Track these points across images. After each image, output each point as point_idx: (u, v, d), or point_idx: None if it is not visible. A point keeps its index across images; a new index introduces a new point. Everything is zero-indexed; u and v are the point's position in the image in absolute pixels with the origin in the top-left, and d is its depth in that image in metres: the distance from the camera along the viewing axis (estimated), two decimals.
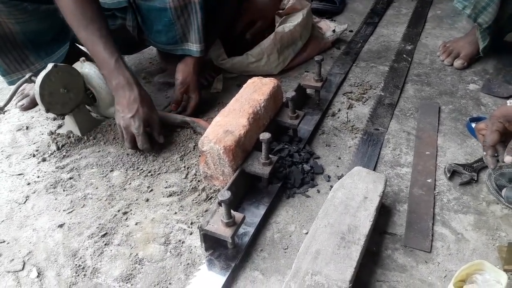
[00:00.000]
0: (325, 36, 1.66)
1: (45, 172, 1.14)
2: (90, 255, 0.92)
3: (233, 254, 0.88)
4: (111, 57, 1.12)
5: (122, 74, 1.13)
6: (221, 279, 0.84)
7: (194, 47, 1.26)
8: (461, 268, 0.78)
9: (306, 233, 0.93)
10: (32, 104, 1.41)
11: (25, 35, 1.24)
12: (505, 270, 0.83)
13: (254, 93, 1.11)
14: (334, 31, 1.68)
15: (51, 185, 1.09)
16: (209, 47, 1.40)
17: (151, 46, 1.62)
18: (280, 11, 1.63)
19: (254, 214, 0.97)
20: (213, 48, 1.48)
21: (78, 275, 0.87)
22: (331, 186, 0.99)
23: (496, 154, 0.88)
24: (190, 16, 1.20)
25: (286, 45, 1.48)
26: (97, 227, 0.98)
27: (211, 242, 0.88)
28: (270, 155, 1.00)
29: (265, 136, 0.95)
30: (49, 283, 0.86)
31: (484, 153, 0.89)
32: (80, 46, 1.50)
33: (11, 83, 1.31)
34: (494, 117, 0.87)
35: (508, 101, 1.27)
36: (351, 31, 1.81)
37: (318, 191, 1.04)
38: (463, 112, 1.30)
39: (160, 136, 1.18)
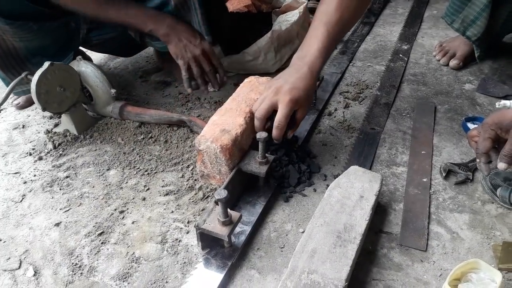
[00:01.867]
0: None
1: (41, 170, 1.14)
2: (87, 253, 0.92)
3: (230, 253, 0.88)
4: (147, 11, 1.19)
5: (164, 17, 1.20)
6: (218, 277, 0.84)
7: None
8: (456, 267, 0.78)
9: (303, 232, 0.93)
10: (28, 103, 1.41)
11: (28, 50, 1.24)
12: (499, 269, 0.83)
13: (251, 92, 1.11)
14: None
15: (48, 184, 1.09)
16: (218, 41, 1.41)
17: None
18: (277, 9, 1.64)
19: (251, 213, 0.97)
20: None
21: (74, 274, 0.87)
22: (328, 185, 0.99)
23: (489, 160, 0.89)
24: (191, 11, 1.20)
25: (283, 43, 1.49)
26: (93, 226, 0.98)
27: (207, 241, 0.88)
28: (267, 154, 1.00)
29: (261, 135, 0.95)
30: (45, 281, 0.86)
31: (478, 160, 0.89)
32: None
33: (17, 94, 1.33)
34: (486, 124, 0.87)
35: (497, 103, 1.28)
36: None
37: (315, 190, 1.05)
38: (458, 112, 1.31)
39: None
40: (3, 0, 1.10)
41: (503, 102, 1.27)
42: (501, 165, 0.83)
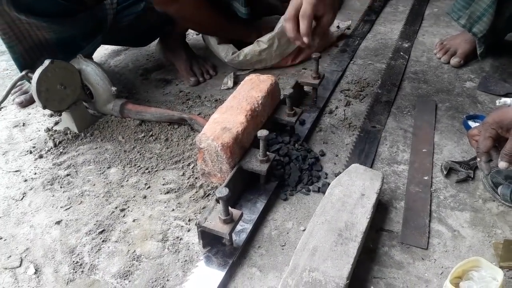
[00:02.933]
0: (331, 32, 1.66)
1: (42, 168, 1.14)
2: (88, 251, 0.92)
3: (231, 250, 0.88)
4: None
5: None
6: (219, 275, 0.84)
7: (242, 9, 1.39)
8: (457, 265, 0.78)
9: (304, 230, 0.93)
10: (30, 102, 1.41)
11: (59, 40, 1.27)
12: (501, 267, 0.83)
13: (251, 90, 1.11)
14: (338, 27, 1.68)
15: (48, 182, 1.09)
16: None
17: (152, 43, 1.63)
18: None
19: (252, 211, 0.97)
20: (222, 44, 1.49)
21: (75, 272, 0.87)
22: (329, 183, 0.99)
23: (490, 159, 0.89)
24: None
25: None
26: (94, 224, 0.98)
27: (208, 239, 0.88)
28: (268, 152, 1.00)
29: (262, 133, 0.95)
30: (46, 279, 0.86)
31: (478, 159, 0.89)
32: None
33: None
34: (486, 123, 0.86)
35: (497, 101, 1.28)
36: (348, 28, 1.81)
37: (316, 188, 1.04)
38: (459, 110, 1.30)
39: None
40: (38, 2, 1.13)
41: (503, 100, 1.27)
42: (502, 164, 0.83)
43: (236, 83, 1.48)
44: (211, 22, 1.43)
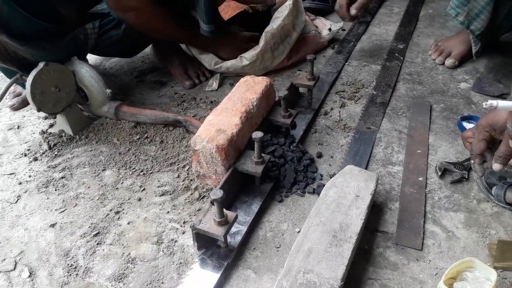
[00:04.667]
0: (322, 35, 1.66)
1: (36, 171, 1.14)
2: (82, 254, 0.91)
3: (226, 253, 0.88)
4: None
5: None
6: (214, 277, 0.84)
7: (204, 26, 1.35)
8: (452, 266, 0.78)
9: (299, 232, 0.93)
10: (23, 105, 1.41)
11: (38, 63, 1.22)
12: (495, 268, 0.84)
13: (246, 92, 1.11)
14: (330, 29, 1.68)
15: (43, 185, 1.09)
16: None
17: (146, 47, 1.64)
18: (273, 8, 1.63)
19: (247, 213, 0.97)
20: (205, 53, 1.49)
21: (70, 275, 0.87)
22: (324, 185, 0.99)
23: (484, 161, 0.89)
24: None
25: (279, 41, 1.48)
26: (89, 227, 0.97)
27: (203, 241, 0.88)
28: (263, 154, 1.00)
29: (257, 135, 0.95)
30: (41, 283, 0.86)
31: (472, 161, 0.90)
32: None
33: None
34: (480, 126, 0.87)
35: (484, 103, 1.28)
36: (343, 29, 1.82)
37: (311, 190, 1.04)
38: (454, 111, 1.31)
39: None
40: (13, 23, 1.07)
41: (489, 102, 1.27)
42: (496, 166, 0.84)
43: (221, 85, 1.48)
44: (172, 32, 1.40)
